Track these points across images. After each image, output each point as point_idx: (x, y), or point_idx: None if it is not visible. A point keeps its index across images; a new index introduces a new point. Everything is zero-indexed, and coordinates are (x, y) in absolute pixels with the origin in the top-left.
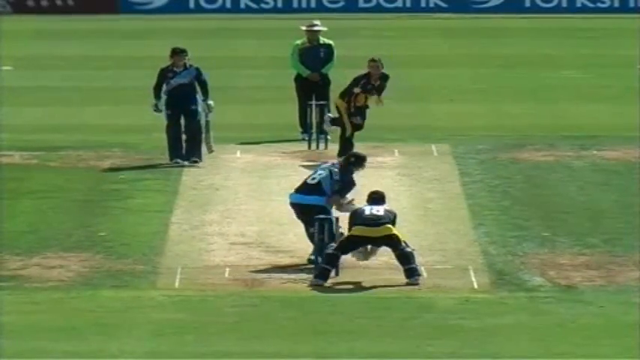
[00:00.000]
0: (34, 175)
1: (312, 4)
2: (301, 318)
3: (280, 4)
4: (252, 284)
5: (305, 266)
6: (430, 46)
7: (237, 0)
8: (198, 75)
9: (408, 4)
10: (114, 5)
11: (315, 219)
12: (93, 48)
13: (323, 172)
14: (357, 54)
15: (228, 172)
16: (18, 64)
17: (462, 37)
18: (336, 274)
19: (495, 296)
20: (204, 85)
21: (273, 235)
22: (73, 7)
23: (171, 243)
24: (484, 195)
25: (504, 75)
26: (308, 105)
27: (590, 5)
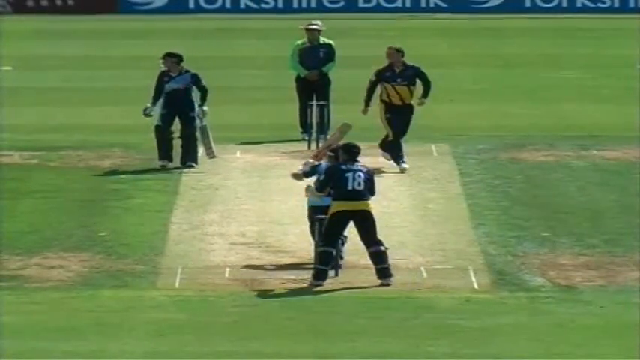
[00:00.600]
0: (34, 175)
1: (312, 4)
2: (301, 318)
3: (280, 4)
4: (252, 284)
5: (305, 266)
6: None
7: (237, 0)
8: (196, 81)
9: (408, 4)
10: (114, 5)
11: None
12: (93, 48)
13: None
14: (357, 54)
15: (228, 172)
16: (18, 64)
17: (462, 37)
18: (336, 274)
19: (495, 296)
20: (203, 91)
21: (273, 235)
22: (73, 7)
23: (172, 243)
24: (484, 195)
25: (504, 75)
26: (308, 105)
27: (590, 5)
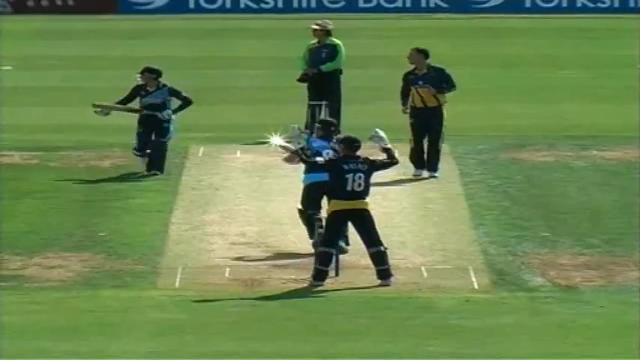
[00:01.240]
0: (34, 175)
1: (312, 4)
2: (301, 318)
3: (280, 4)
4: (252, 284)
5: (305, 266)
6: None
7: (237, 0)
8: (176, 94)
9: (408, 4)
10: (114, 5)
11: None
12: (93, 48)
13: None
14: (357, 54)
15: (228, 172)
16: (18, 64)
17: (462, 37)
18: (336, 274)
19: (495, 296)
20: (185, 102)
21: (273, 235)
22: (73, 7)
23: (172, 243)
24: (484, 195)
25: (504, 75)
26: (309, 105)
27: (590, 5)
